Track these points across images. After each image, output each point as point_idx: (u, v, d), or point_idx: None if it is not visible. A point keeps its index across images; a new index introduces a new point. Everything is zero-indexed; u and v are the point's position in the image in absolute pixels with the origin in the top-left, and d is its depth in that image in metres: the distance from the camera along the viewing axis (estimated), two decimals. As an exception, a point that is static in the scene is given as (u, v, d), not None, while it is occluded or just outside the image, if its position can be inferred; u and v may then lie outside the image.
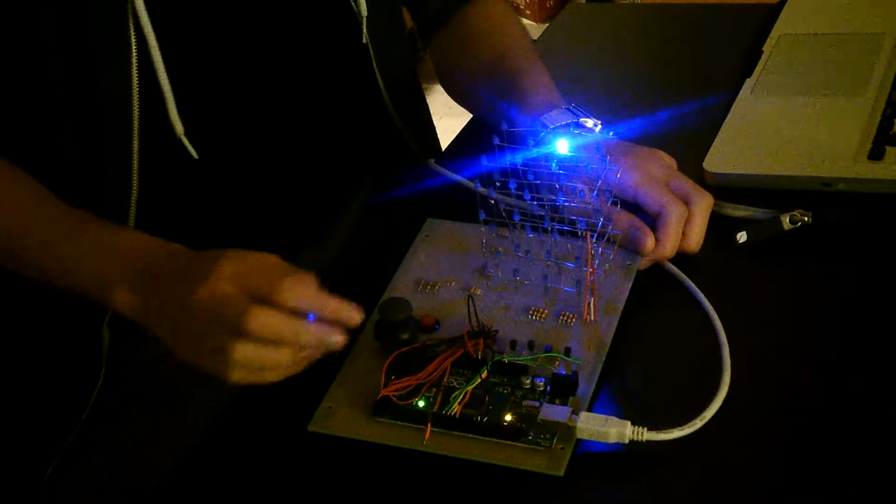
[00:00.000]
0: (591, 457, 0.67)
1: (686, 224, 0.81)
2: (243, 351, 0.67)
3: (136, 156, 0.82)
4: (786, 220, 0.82)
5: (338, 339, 0.68)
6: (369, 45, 0.95)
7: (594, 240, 0.75)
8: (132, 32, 0.79)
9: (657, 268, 0.82)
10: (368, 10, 0.93)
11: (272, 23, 0.90)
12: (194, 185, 0.89)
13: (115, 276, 0.75)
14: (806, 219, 0.82)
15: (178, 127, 0.83)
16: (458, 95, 1.08)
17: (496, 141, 0.76)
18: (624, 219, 0.80)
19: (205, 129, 0.86)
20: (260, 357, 0.67)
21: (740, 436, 0.67)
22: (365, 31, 0.93)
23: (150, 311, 0.73)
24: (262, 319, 0.66)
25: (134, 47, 0.79)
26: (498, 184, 0.78)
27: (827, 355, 0.73)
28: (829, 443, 0.66)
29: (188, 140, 0.84)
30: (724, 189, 0.87)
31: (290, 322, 0.67)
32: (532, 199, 0.80)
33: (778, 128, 0.97)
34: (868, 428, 0.67)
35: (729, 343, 0.72)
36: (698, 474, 0.66)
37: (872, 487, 0.63)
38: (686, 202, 0.81)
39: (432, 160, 1.00)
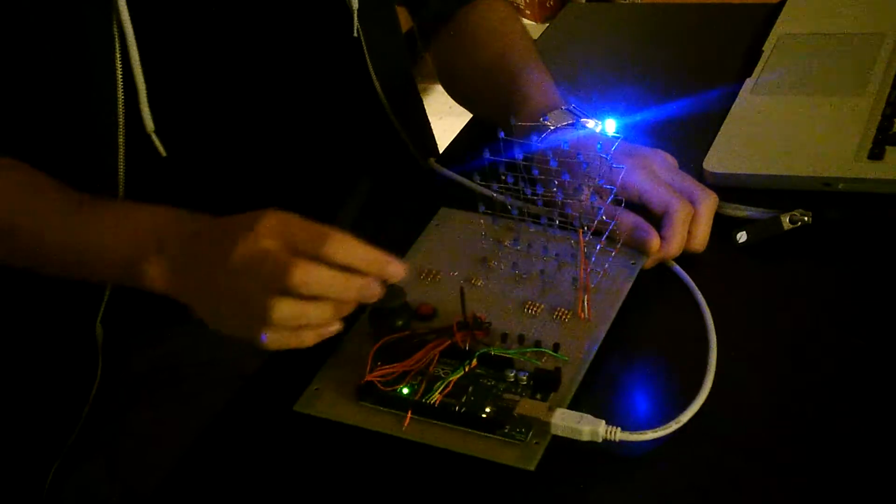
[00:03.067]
0: (565, 454, 0.66)
1: (691, 223, 0.81)
2: (282, 308, 0.65)
3: (121, 150, 0.82)
4: (786, 220, 0.82)
5: (375, 290, 0.67)
6: (362, 41, 0.94)
7: (588, 237, 0.75)
8: (115, 28, 0.79)
9: (661, 267, 0.82)
10: (360, 4, 0.92)
11: (261, 18, 0.90)
12: (182, 182, 0.88)
13: (144, 249, 0.73)
14: (806, 219, 0.82)
15: (149, 123, 0.82)
16: (459, 95, 1.08)
17: (501, 134, 0.77)
18: (628, 218, 0.80)
19: (190, 126, 0.86)
20: (302, 313, 0.66)
21: (717, 439, 0.67)
22: (356, 23, 0.93)
23: (186, 278, 0.71)
24: (308, 274, 0.65)
25: (118, 43, 0.79)
26: (502, 177, 0.78)
27: (826, 355, 0.73)
28: (820, 445, 0.66)
29: (164, 138, 0.83)
30: (724, 189, 0.87)
31: (338, 276, 0.66)
32: (532, 194, 0.80)
33: (778, 128, 0.97)
34: (867, 429, 0.67)
35: (720, 345, 0.72)
36: (670, 476, 0.65)
37: (866, 490, 0.63)
38: (691, 201, 0.81)
39: (432, 160, 1.00)
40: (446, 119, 1.17)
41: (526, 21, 2.98)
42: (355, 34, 0.93)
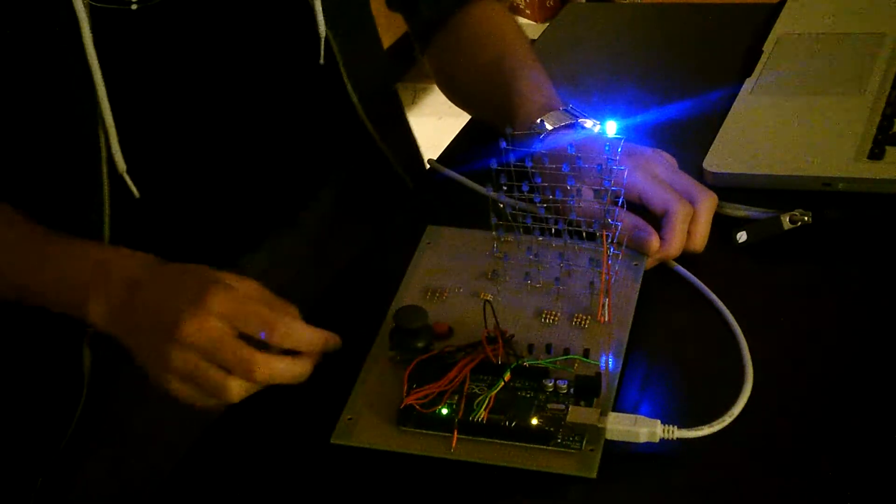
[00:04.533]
0: (619, 457, 0.66)
1: (691, 223, 0.81)
2: (241, 389, 0.70)
3: (106, 187, 0.82)
4: (786, 220, 0.82)
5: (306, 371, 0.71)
6: (340, 65, 0.94)
7: (611, 241, 0.75)
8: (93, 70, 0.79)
9: (662, 267, 0.82)
10: (330, 30, 0.92)
11: (233, 49, 0.90)
12: (162, 216, 0.90)
13: (89, 288, 0.75)
14: (806, 218, 0.82)
15: (121, 164, 0.83)
16: (456, 98, 1.08)
17: (503, 145, 0.76)
18: (628, 219, 0.80)
19: (164, 163, 0.87)
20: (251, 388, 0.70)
21: (768, 429, 0.67)
22: (322, 50, 0.92)
23: (127, 325, 0.73)
24: (266, 369, 0.69)
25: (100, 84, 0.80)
26: (505, 187, 0.77)
27: (826, 355, 0.73)
28: (820, 445, 0.66)
29: (140, 175, 0.84)
30: (724, 189, 0.87)
31: (293, 367, 0.70)
32: (542, 201, 0.79)
33: (778, 128, 0.97)
34: (867, 429, 0.67)
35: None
36: (731, 470, 0.65)
37: (866, 491, 0.63)
38: (690, 201, 0.81)
39: (432, 159, 1.00)
40: (446, 119, 1.17)
41: (526, 21, 2.98)
42: (321, 61, 0.93)
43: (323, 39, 0.92)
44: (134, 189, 0.84)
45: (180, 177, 0.90)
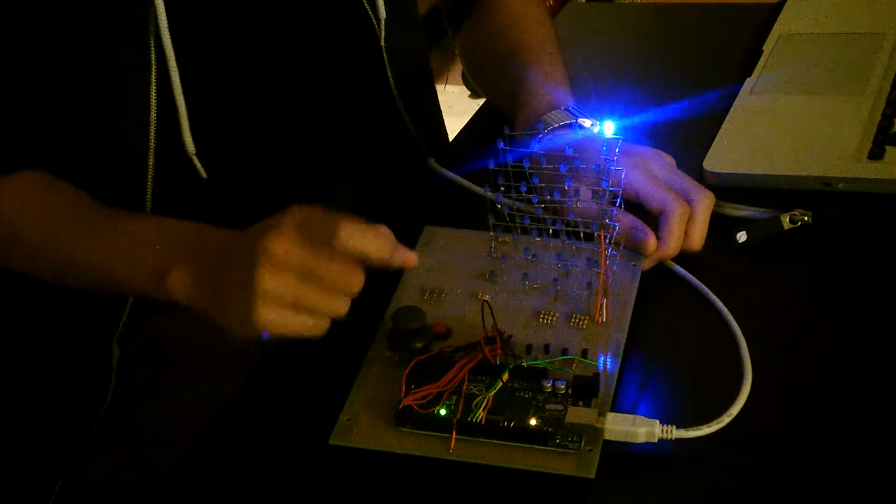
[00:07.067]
0: (618, 457, 0.66)
1: (688, 223, 0.81)
2: (272, 280, 0.66)
3: (150, 172, 0.83)
4: (786, 220, 0.82)
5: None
6: (383, 49, 0.94)
7: (609, 241, 0.75)
8: (153, 52, 0.80)
9: (661, 267, 0.82)
10: (386, 14, 0.93)
11: (288, 35, 0.91)
12: (211, 202, 0.89)
13: (171, 259, 0.73)
14: (806, 218, 0.82)
15: (190, 146, 0.84)
16: (478, 85, 1.08)
17: (501, 145, 0.76)
18: (625, 219, 0.80)
19: (217, 144, 0.87)
20: (294, 287, 0.67)
21: (766, 429, 0.67)
22: (383, 34, 0.93)
23: (212, 288, 0.71)
24: (326, 269, 0.66)
25: (154, 66, 0.80)
26: (503, 188, 0.77)
27: (825, 355, 0.73)
28: (819, 445, 0.66)
29: (199, 158, 0.84)
30: (724, 189, 0.87)
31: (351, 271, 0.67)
32: (539, 201, 0.79)
33: (778, 128, 0.97)
34: (867, 429, 0.67)
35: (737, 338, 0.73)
36: (730, 470, 0.65)
37: (865, 490, 0.63)
38: (688, 201, 0.81)
39: (433, 160, 1.00)
40: (446, 119, 1.17)
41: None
42: (382, 44, 0.93)
43: (383, 22, 0.92)
44: (202, 170, 0.85)
45: (230, 164, 0.90)
